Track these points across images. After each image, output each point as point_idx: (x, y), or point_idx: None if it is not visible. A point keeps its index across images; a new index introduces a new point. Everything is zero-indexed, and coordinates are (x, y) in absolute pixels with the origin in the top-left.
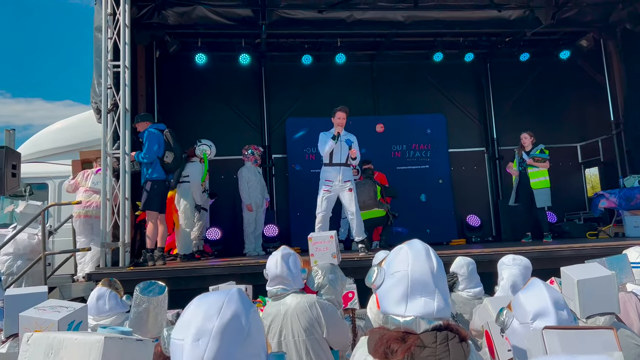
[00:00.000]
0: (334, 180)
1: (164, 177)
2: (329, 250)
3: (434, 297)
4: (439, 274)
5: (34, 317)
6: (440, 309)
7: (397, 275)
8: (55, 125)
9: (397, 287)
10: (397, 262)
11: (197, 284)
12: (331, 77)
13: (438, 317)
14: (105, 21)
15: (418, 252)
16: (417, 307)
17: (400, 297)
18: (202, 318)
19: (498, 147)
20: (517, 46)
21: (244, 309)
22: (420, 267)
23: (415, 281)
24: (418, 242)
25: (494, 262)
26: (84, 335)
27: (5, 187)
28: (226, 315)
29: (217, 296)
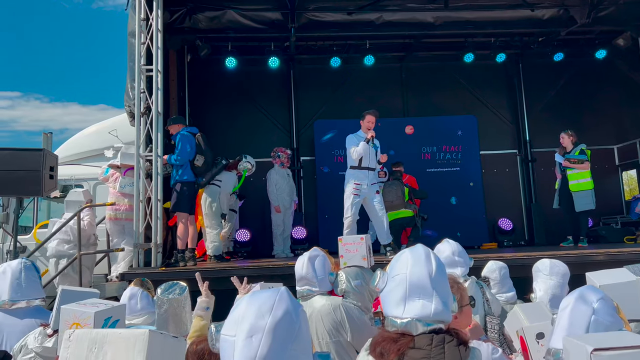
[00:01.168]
0: (362, 184)
1: (193, 180)
2: (358, 252)
3: (432, 300)
4: (438, 278)
5: (74, 309)
6: (437, 311)
7: (397, 278)
8: (90, 128)
9: (396, 290)
10: (397, 266)
11: (227, 285)
12: (360, 79)
13: (436, 320)
14: (138, 26)
15: (418, 256)
16: (414, 309)
17: (398, 300)
18: (255, 315)
19: (531, 149)
20: (550, 46)
21: (294, 307)
22: (419, 270)
23: (413, 284)
24: (420, 247)
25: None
26: (127, 330)
27: (44, 189)
28: (278, 312)
29: (268, 294)
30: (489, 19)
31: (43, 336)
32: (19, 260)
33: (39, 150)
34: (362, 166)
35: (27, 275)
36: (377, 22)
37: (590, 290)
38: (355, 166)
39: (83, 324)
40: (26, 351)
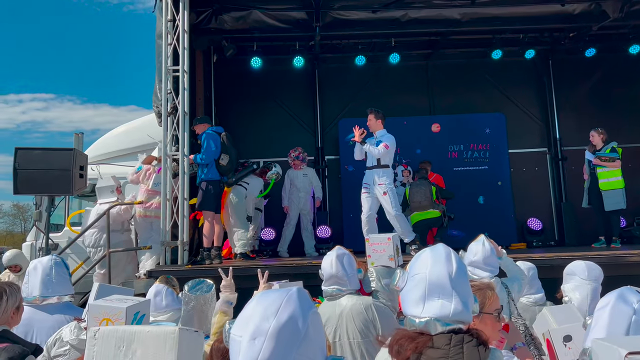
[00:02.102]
0: (370, 183)
1: (218, 178)
2: (385, 252)
3: (451, 300)
4: (459, 278)
5: (103, 305)
6: (457, 312)
7: (416, 277)
8: (119, 128)
9: (415, 289)
10: (417, 265)
11: (252, 283)
12: (385, 78)
13: (456, 320)
14: (165, 27)
15: (438, 255)
16: (433, 309)
17: (418, 299)
18: (260, 317)
19: (561, 147)
20: (582, 41)
21: (301, 310)
22: (439, 269)
23: (433, 283)
24: (441, 246)
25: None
26: (156, 327)
27: (74, 187)
28: (283, 316)
29: (276, 295)
30: (518, 14)
31: (79, 329)
32: (49, 257)
33: (69, 150)
34: (366, 166)
35: (57, 272)
36: (402, 19)
37: (630, 291)
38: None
39: (114, 319)
40: (61, 344)
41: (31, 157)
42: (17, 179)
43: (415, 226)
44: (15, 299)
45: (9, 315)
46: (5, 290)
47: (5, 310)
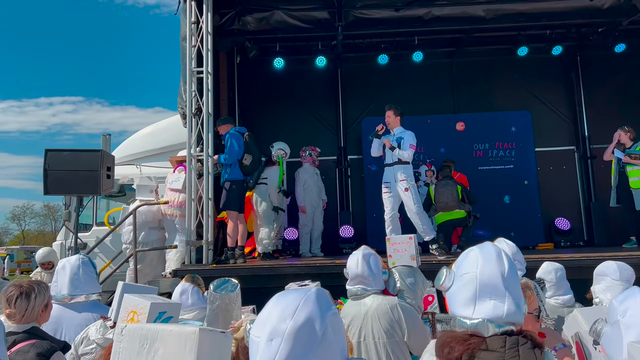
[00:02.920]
0: (391, 181)
1: (242, 178)
2: (407, 252)
3: (504, 301)
4: (511, 278)
5: (135, 298)
6: (510, 312)
7: (465, 277)
8: (145, 130)
9: (465, 289)
10: (466, 264)
11: (276, 283)
12: (408, 76)
13: (508, 322)
14: (189, 29)
15: (489, 254)
16: (485, 310)
17: (468, 299)
18: (277, 318)
19: (590, 145)
20: (611, 37)
21: (319, 311)
22: (490, 269)
23: (484, 283)
24: (489, 245)
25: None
26: (178, 326)
27: (101, 188)
28: (300, 317)
29: (294, 296)
30: (544, 10)
31: (104, 328)
32: (77, 256)
33: (97, 151)
34: (385, 163)
35: (85, 271)
36: (425, 17)
37: None
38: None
39: (139, 313)
40: (88, 342)
41: (60, 158)
42: (47, 180)
43: (440, 226)
44: (43, 297)
45: (37, 312)
46: (34, 288)
47: (34, 308)
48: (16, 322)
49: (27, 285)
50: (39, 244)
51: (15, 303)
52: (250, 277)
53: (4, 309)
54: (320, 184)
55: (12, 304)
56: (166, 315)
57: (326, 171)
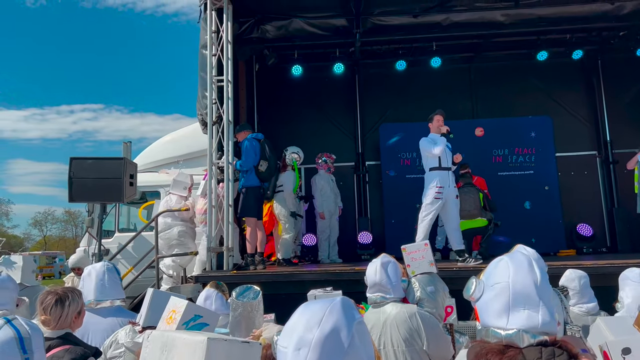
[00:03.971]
0: (445, 186)
1: (258, 184)
2: (425, 258)
3: (538, 310)
4: (543, 286)
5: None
6: (545, 322)
7: (497, 287)
8: (165, 137)
9: (497, 299)
10: (497, 274)
11: (296, 289)
12: (426, 82)
13: (543, 332)
14: (209, 39)
15: (520, 263)
16: (520, 320)
17: (501, 310)
18: (304, 328)
19: (612, 150)
20: (633, 40)
21: (346, 320)
22: (523, 278)
23: (518, 293)
24: (520, 253)
25: (608, 276)
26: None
27: (124, 195)
28: (326, 327)
29: (320, 306)
30: (564, 14)
31: (133, 332)
32: (102, 262)
33: (120, 159)
34: (442, 166)
35: (110, 277)
36: (443, 23)
37: None
38: (435, 167)
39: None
40: (117, 346)
41: (85, 166)
42: (72, 188)
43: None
44: (77, 305)
45: (71, 319)
46: (68, 295)
47: (68, 314)
48: (51, 328)
49: (62, 292)
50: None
51: (50, 310)
52: (270, 284)
53: (39, 316)
54: (336, 190)
55: (47, 311)
56: (201, 320)
57: (344, 177)
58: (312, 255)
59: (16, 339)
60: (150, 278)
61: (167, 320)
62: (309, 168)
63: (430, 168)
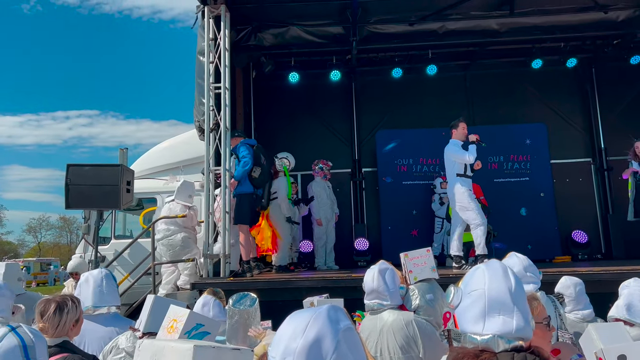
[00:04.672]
0: (471, 191)
1: (251, 191)
2: (427, 264)
3: (513, 316)
4: (518, 293)
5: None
6: (519, 327)
7: (474, 294)
8: (162, 144)
9: (474, 306)
10: (473, 281)
11: (292, 296)
12: (422, 89)
13: (518, 337)
14: (207, 46)
15: (495, 271)
16: (495, 326)
17: (477, 316)
18: (289, 337)
19: (606, 157)
20: (626, 48)
21: (330, 328)
22: (498, 285)
23: (493, 299)
24: (495, 262)
25: (604, 282)
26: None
27: (121, 202)
28: (310, 335)
29: (305, 315)
30: (558, 23)
31: (134, 338)
32: (99, 269)
33: (117, 166)
34: (467, 174)
35: (107, 283)
36: (439, 31)
37: None
38: (462, 173)
39: (179, 320)
40: (117, 351)
41: (82, 173)
42: (69, 194)
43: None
44: (75, 312)
45: (69, 327)
46: (67, 303)
47: (66, 322)
48: (48, 335)
49: (61, 300)
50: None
51: (48, 317)
52: (266, 291)
53: (37, 323)
54: (332, 196)
55: (45, 319)
56: (203, 329)
57: (341, 184)
58: (308, 262)
59: (20, 347)
60: (146, 285)
61: (168, 329)
62: (306, 175)
63: (457, 174)
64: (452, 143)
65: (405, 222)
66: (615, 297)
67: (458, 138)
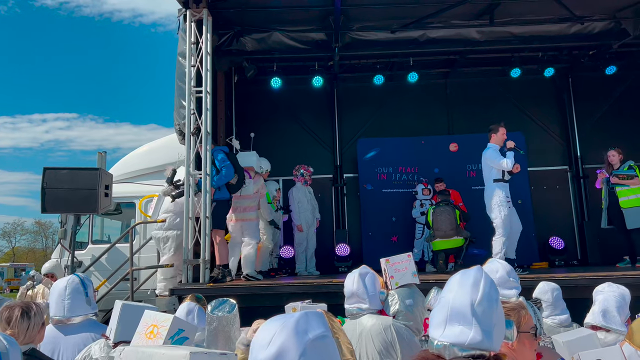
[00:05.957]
0: (509, 197)
1: (227, 197)
2: (408, 270)
3: (471, 328)
4: (482, 306)
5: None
6: (475, 341)
7: (442, 300)
8: (142, 148)
9: (440, 312)
10: (447, 287)
11: (273, 302)
12: (403, 97)
13: (472, 348)
14: (188, 50)
15: (465, 281)
16: (451, 334)
17: (440, 321)
18: (257, 348)
19: (582, 165)
20: (602, 59)
21: (296, 340)
22: (462, 296)
23: (455, 309)
24: (473, 271)
25: (580, 288)
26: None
27: (99, 206)
28: (272, 348)
29: (274, 325)
30: (536, 33)
31: (108, 347)
32: (74, 275)
33: (95, 170)
34: (505, 179)
35: (81, 291)
36: (420, 39)
37: None
38: (499, 179)
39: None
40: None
41: (59, 176)
42: (45, 198)
43: (437, 252)
44: (41, 316)
45: (36, 332)
46: (31, 307)
47: (34, 327)
48: (19, 342)
49: (24, 305)
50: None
51: (16, 323)
52: (246, 296)
53: (4, 330)
54: (314, 202)
55: (13, 324)
56: (184, 334)
57: (322, 189)
58: (289, 267)
59: None
60: (124, 291)
61: (147, 334)
62: (287, 180)
63: (494, 180)
64: (491, 148)
65: (386, 228)
66: (591, 303)
67: (496, 142)
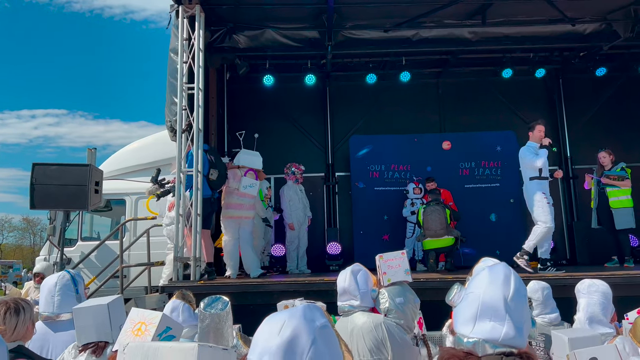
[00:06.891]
0: (547, 194)
1: (209, 194)
2: (401, 267)
3: (504, 324)
4: (515, 302)
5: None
6: (508, 337)
7: (470, 295)
8: (132, 144)
9: (468, 308)
10: (474, 283)
11: (264, 300)
12: (396, 96)
13: (505, 345)
14: (180, 46)
15: (496, 276)
16: (483, 330)
17: (469, 318)
18: (266, 337)
19: (572, 166)
20: (592, 61)
21: (306, 326)
22: (494, 291)
23: (486, 304)
24: (501, 266)
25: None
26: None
27: (89, 203)
28: (286, 333)
29: (282, 315)
30: (528, 34)
31: (76, 350)
32: (64, 272)
33: (85, 166)
34: (542, 176)
35: (72, 288)
36: (413, 38)
37: None
38: (536, 177)
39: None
40: None
41: (48, 172)
42: (34, 194)
43: (427, 251)
44: (31, 313)
45: (25, 329)
46: (21, 304)
47: (23, 323)
48: (6, 339)
49: (12, 302)
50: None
51: (4, 320)
52: (238, 294)
53: None
54: (305, 200)
55: (1, 321)
56: (171, 332)
57: (314, 188)
58: (280, 265)
59: None
60: (114, 288)
61: (135, 332)
62: (278, 178)
63: (530, 177)
64: (528, 145)
65: (377, 226)
66: None
67: (534, 140)
